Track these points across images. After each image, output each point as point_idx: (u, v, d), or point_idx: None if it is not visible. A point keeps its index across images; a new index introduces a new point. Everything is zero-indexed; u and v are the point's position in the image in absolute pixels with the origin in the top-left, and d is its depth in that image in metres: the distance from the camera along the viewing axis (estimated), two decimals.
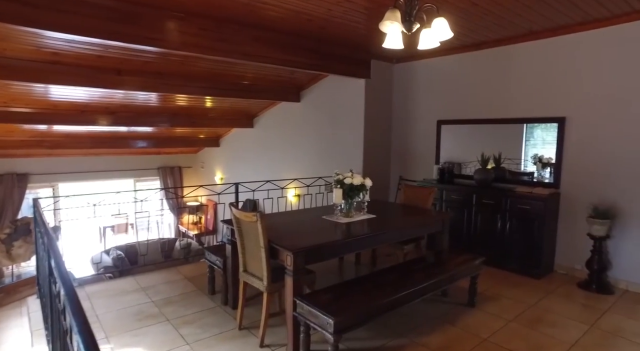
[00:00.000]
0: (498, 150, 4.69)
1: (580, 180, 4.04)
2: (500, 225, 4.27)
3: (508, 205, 4.20)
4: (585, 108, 3.98)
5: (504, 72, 4.58)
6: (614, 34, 3.74)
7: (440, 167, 5.10)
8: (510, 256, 4.21)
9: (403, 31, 2.36)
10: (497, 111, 4.68)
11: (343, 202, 3.26)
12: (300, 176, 6.16)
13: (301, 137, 6.77)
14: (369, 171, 5.62)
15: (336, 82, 5.94)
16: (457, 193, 4.67)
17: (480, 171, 4.60)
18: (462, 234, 4.59)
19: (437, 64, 5.27)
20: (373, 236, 2.92)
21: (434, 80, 5.33)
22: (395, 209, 4.05)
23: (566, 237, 4.16)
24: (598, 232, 3.71)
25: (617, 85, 3.76)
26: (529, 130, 4.50)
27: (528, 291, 3.69)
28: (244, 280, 2.82)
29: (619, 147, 3.78)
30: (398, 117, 5.86)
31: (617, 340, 2.87)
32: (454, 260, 3.26)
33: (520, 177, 4.60)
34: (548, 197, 3.94)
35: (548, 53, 4.19)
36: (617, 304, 3.48)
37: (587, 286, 3.79)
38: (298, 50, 4.66)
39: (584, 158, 4.02)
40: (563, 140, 4.14)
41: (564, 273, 4.17)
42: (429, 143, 5.47)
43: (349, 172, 3.29)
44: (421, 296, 2.75)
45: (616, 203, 3.80)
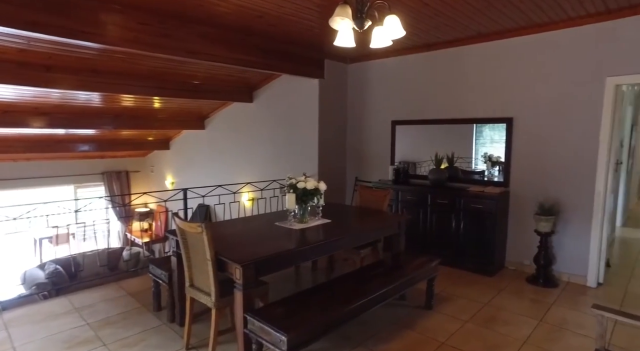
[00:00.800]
0: (451, 149, 4.77)
1: (527, 178, 4.18)
2: (454, 224, 4.33)
3: (462, 205, 4.25)
4: (529, 109, 4.12)
5: (455, 73, 4.65)
6: (553, 38, 3.89)
7: (396, 168, 5.10)
8: (464, 255, 4.27)
9: (354, 28, 2.26)
10: (449, 111, 4.74)
11: (297, 207, 3.12)
12: (255, 179, 5.96)
13: (255, 138, 6.56)
14: (324, 173, 5.52)
15: (290, 82, 5.79)
16: (412, 193, 4.69)
17: (435, 171, 4.65)
18: (418, 234, 4.61)
19: (390, 64, 5.27)
20: (329, 243, 2.80)
21: (388, 81, 5.33)
22: (352, 212, 3.97)
23: (516, 233, 4.29)
24: (544, 228, 3.84)
25: (555, 87, 3.92)
26: (478, 130, 4.60)
27: (482, 290, 3.74)
28: (191, 295, 2.60)
29: (558, 147, 3.94)
30: (353, 117, 5.82)
31: (563, 333, 2.96)
32: (411, 263, 3.23)
33: (472, 176, 4.70)
34: (499, 195, 4.03)
35: (496, 55, 4.30)
36: (561, 296, 3.61)
37: (535, 281, 3.92)
38: (248, 49, 4.46)
39: (530, 157, 4.15)
40: (511, 140, 4.26)
41: (513, 269, 4.30)
42: (384, 143, 5.47)
43: (302, 176, 3.15)
44: (380, 302, 2.67)
45: (559, 200, 3.96)
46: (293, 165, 5.81)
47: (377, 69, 5.44)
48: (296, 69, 5.11)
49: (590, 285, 3.85)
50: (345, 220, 3.55)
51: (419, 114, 5.04)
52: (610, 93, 3.63)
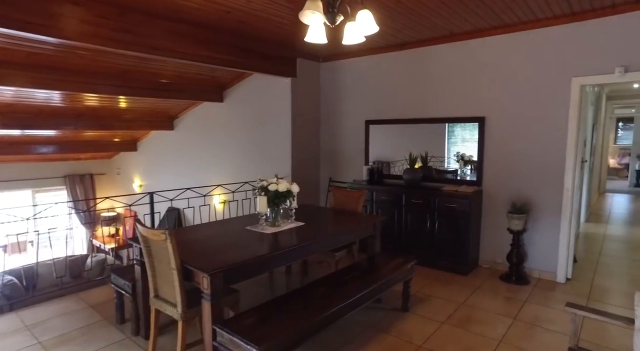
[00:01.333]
0: (424, 148, 4.76)
1: (499, 177, 4.22)
2: (429, 224, 4.32)
3: (436, 204, 4.25)
4: (501, 108, 4.16)
5: (428, 72, 4.65)
6: (522, 39, 3.94)
7: (370, 168, 5.06)
8: (439, 254, 4.27)
9: (326, 23, 2.16)
10: (422, 111, 4.74)
11: (268, 210, 3.00)
12: (227, 181, 5.78)
13: (226, 139, 6.37)
14: (298, 173, 5.42)
15: (261, 81, 5.65)
16: (387, 194, 4.65)
17: (409, 171, 4.63)
18: (393, 235, 4.58)
19: (363, 63, 5.23)
20: (302, 247, 2.70)
21: (361, 80, 5.28)
22: (326, 214, 3.88)
23: (489, 232, 4.32)
24: (516, 227, 3.88)
25: (525, 87, 3.97)
26: (450, 129, 4.63)
27: (457, 289, 3.74)
28: (156, 307, 2.43)
29: (529, 146, 4.00)
30: (326, 117, 5.74)
31: (536, 330, 2.98)
32: (387, 265, 3.17)
33: (446, 176, 4.71)
34: (472, 195, 4.05)
35: (468, 54, 4.32)
36: (532, 293, 3.65)
37: (508, 279, 3.95)
38: (217, 46, 4.29)
39: (502, 156, 4.20)
40: (484, 139, 4.30)
41: (487, 267, 4.33)
42: (358, 143, 5.41)
43: (274, 177, 3.04)
44: (355, 308, 2.60)
45: (530, 198, 4.02)
46: (266, 166, 5.67)
47: (350, 68, 5.38)
48: (268, 68, 4.98)
49: (560, 280, 3.93)
50: (319, 222, 3.46)
51: (392, 113, 5.01)
52: (576, 93, 3.70)
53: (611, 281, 3.99)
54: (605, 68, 3.55)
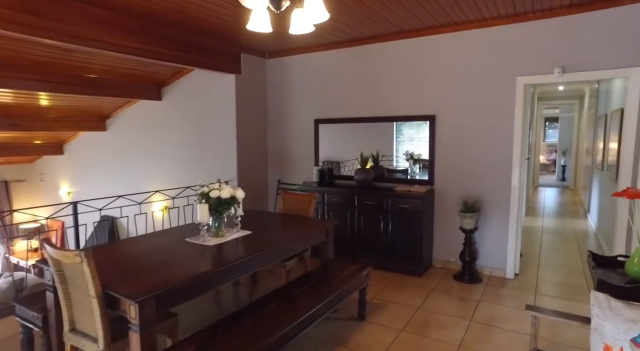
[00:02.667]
0: (374, 148, 4.67)
1: (451, 176, 4.21)
2: (383, 226, 4.21)
3: (389, 205, 4.15)
4: (450, 107, 4.15)
5: (378, 69, 4.55)
6: (469, 37, 3.96)
7: (320, 169, 4.87)
8: (394, 256, 4.17)
9: (270, 8, 1.91)
10: (373, 109, 4.63)
11: (210, 219, 2.69)
12: (167, 186, 5.31)
13: (166, 140, 5.86)
14: (244, 176, 5.10)
15: (203, 78, 5.24)
16: (338, 195, 4.49)
17: (361, 171, 4.50)
18: (346, 238, 4.42)
19: (312, 60, 5.02)
20: (250, 259, 2.42)
21: (310, 77, 5.08)
22: (275, 220, 3.62)
23: (442, 232, 4.31)
24: (468, 226, 3.88)
25: (474, 85, 3.99)
26: (398, 128, 4.57)
27: (413, 292, 3.65)
28: (71, 343, 2.03)
29: (478, 144, 4.03)
30: (274, 116, 5.47)
31: (492, 331, 2.94)
32: (342, 273, 2.98)
33: (397, 175, 4.64)
34: (425, 194, 3.99)
35: (417, 52, 4.27)
36: (485, 291, 3.66)
37: (461, 278, 3.95)
38: (151, 38, 3.87)
39: (452, 155, 4.19)
40: (435, 137, 4.27)
41: (440, 267, 4.31)
42: (307, 143, 5.21)
43: (216, 182, 2.73)
44: (309, 324, 2.37)
45: (480, 197, 4.04)
46: (209, 169, 5.29)
47: (298, 65, 5.15)
48: (209, 63, 4.61)
49: (509, 276, 3.99)
50: (268, 230, 3.19)
51: (342, 112, 4.86)
52: (520, 92, 3.77)
53: (554, 274, 4.13)
54: (546, 68, 3.64)
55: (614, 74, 3.44)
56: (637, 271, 2.18)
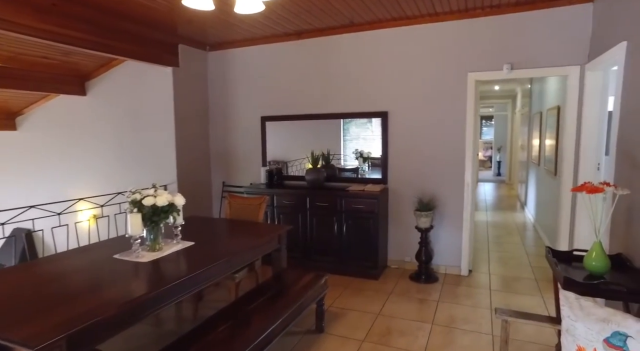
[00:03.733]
0: (323, 146, 4.46)
1: (405, 174, 4.12)
2: (337, 228, 4.01)
3: (343, 206, 3.96)
4: (403, 103, 4.05)
5: (327, 64, 4.34)
6: (422, 32, 3.88)
7: (269, 169, 4.57)
8: (349, 259, 3.99)
9: None
10: (322, 106, 4.42)
11: (145, 231, 2.30)
12: (96, 193, 4.70)
13: (93, 141, 5.21)
14: (185, 179, 4.65)
15: (136, 71, 4.71)
16: (289, 197, 4.22)
17: (312, 171, 4.26)
18: (298, 242, 4.17)
19: (257, 53, 4.70)
20: (194, 276, 2.08)
21: (255, 72, 4.74)
22: (221, 228, 3.27)
23: (397, 231, 4.20)
24: (424, 224, 3.80)
25: (426, 81, 3.93)
26: (346, 126, 4.41)
27: (371, 297, 3.49)
28: None
29: (431, 141, 3.97)
30: (217, 113, 5.06)
31: (455, 333, 2.85)
32: (298, 283, 2.72)
33: (347, 174, 4.48)
34: (379, 193, 3.85)
35: (369, 46, 4.12)
36: (443, 291, 3.60)
37: (418, 278, 3.87)
38: (70, 20, 3.34)
39: (406, 152, 4.10)
40: (387, 135, 4.15)
41: (396, 268, 4.21)
42: (253, 142, 4.87)
43: (151, 188, 2.34)
44: (265, 347, 2.09)
45: (435, 194, 3.99)
46: (146, 172, 4.76)
47: (242, 58, 4.80)
48: (142, 54, 4.12)
49: (463, 273, 3.98)
50: (214, 239, 2.85)
51: (290, 109, 4.59)
52: (471, 89, 3.76)
53: (503, 268, 4.20)
54: (495, 65, 3.65)
55: (556, 72, 3.53)
56: (595, 266, 2.17)
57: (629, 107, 2.41)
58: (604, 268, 2.15)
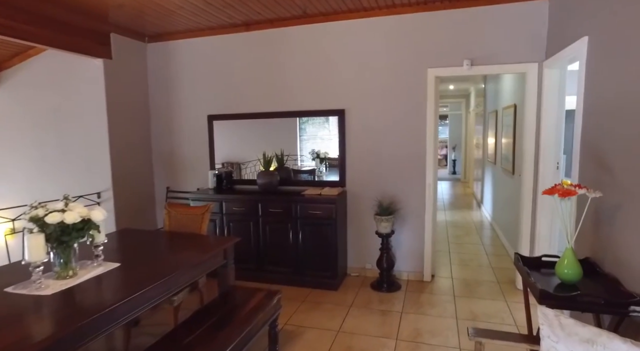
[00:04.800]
0: (279, 147, 4.14)
1: (364, 176, 3.88)
2: (292, 235, 3.70)
3: (298, 212, 3.65)
4: (361, 100, 3.81)
5: (280, 58, 4.01)
6: (379, 24, 3.66)
7: (217, 173, 4.17)
8: (306, 269, 3.69)
9: None
10: (275, 103, 4.08)
11: (52, 254, 1.86)
12: (9, 205, 4.07)
13: (6, 142, 4.53)
14: (122, 185, 4.15)
15: (60, 62, 4.13)
16: (239, 203, 3.84)
17: (264, 174, 3.92)
18: (250, 252, 3.82)
19: (203, 46, 4.27)
20: (117, 307, 1.68)
21: (201, 66, 4.32)
22: (156, 243, 2.85)
23: (356, 237, 3.96)
24: (385, 230, 3.58)
25: (385, 77, 3.71)
26: (302, 125, 4.12)
27: (330, 311, 3.21)
28: None
29: (391, 140, 3.76)
30: (159, 111, 4.57)
31: (421, 350, 2.64)
32: (247, 303, 2.38)
33: (304, 176, 4.18)
34: (338, 197, 3.59)
35: (324, 39, 3.84)
36: (406, 300, 3.39)
37: (380, 287, 3.64)
38: None
39: (365, 152, 3.86)
40: (345, 134, 3.89)
41: (356, 275, 3.97)
42: (200, 143, 4.44)
43: (62, 200, 1.91)
44: None
45: (396, 197, 3.79)
46: (75, 178, 4.21)
47: (186, 51, 4.35)
48: (64, 42, 3.59)
49: (426, 279, 3.81)
50: (147, 258, 2.43)
51: (240, 107, 4.22)
52: (431, 85, 3.59)
53: (465, 271, 4.09)
54: (455, 60, 3.50)
55: (515, 69, 3.43)
56: (567, 274, 2.01)
57: (593, 103, 2.30)
58: (577, 276, 2.01)
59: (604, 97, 2.16)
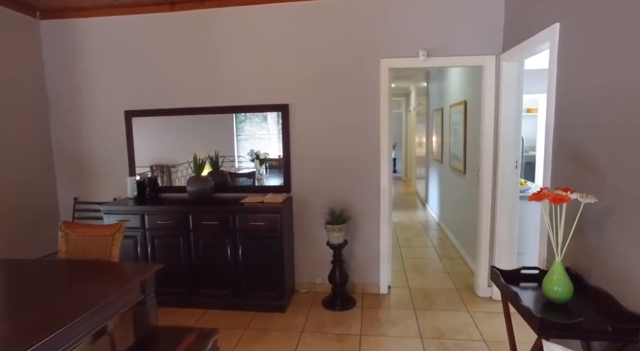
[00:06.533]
0: (215, 147, 3.56)
1: (311, 179, 3.43)
2: (230, 251, 3.14)
3: (237, 224, 3.11)
4: (307, 93, 3.36)
5: (211, 44, 3.43)
6: (327, 8, 3.23)
7: (139, 180, 3.49)
8: (249, 290, 3.16)
9: None
10: (207, 97, 3.50)
11: None
12: None
13: None
14: (11, 197, 3.30)
15: None
16: (166, 216, 3.21)
17: (195, 180, 3.32)
18: (180, 274, 3.20)
19: (116, 27, 3.55)
20: None
21: (116, 51, 3.59)
22: (45, 278, 2.15)
23: (304, 249, 3.51)
24: (337, 240, 3.17)
25: (335, 68, 3.30)
26: (239, 122, 3.58)
27: (278, 340, 2.72)
28: None
29: (342, 139, 3.36)
30: (62, 106, 3.74)
31: None
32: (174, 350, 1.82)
33: (242, 181, 3.64)
34: (282, 205, 3.10)
35: (262, 22, 3.33)
36: (364, 320, 2.99)
37: (333, 304, 3.22)
38: None
39: (313, 153, 3.42)
40: (289, 132, 3.42)
41: (306, 292, 3.52)
42: (117, 144, 3.71)
43: None
44: None
45: (348, 203, 3.39)
46: None
47: (96, 32, 3.59)
48: None
49: (383, 291, 3.47)
50: (26, 304, 1.76)
51: (165, 102, 3.56)
52: (385, 77, 3.24)
53: (422, 278, 3.82)
54: (411, 51, 3.19)
55: (472, 61, 3.19)
56: (557, 292, 1.73)
57: (569, 96, 2.06)
58: (569, 294, 1.73)
59: (584, 88, 1.92)
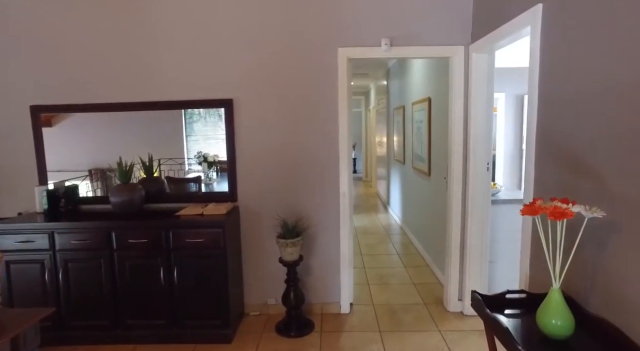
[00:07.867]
0: (164, 149, 3.02)
1: (261, 186, 2.97)
2: (164, 274, 2.62)
3: (172, 241, 2.59)
4: (255, 87, 2.90)
5: (144, 27, 2.87)
6: None
7: (51, 190, 2.87)
8: (187, 319, 2.65)
9: None
10: (140, 91, 2.94)
11: None
12: None
13: None
14: None
15: None
16: (82, 234, 2.62)
17: (120, 190, 2.76)
18: (101, 304, 2.63)
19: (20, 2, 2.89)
20: None
21: (18, 29, 2.93)
22: None
23: (254, 266, 3.04)
24: (291, 256, 2.73)
25: (287, 59, 2.86)
26: (189, 120, 3.07)
27: None
28: None
29: (293, 139, 2.93)
30: None
31: None
32: None
33: (185, 187, 3.12)
34: (226, 218, 2.62)
35: (201, 4, 2.82)
36: (324, 347, 2.59)
37: (288, 330, 2.78)
38: None
39: (262, 154, 2.95)
40: (234, 131, 2.93)
41: (257, 315, 3.05)
42: (21, 146, 3.05)
43: None
44: None
45: (303, 213, 2.97)
46: None
47: None
48: None
49: (344, 311, 3.07)
50: None
51: (87, 94, 2.96)
52: (343, 69, 2.85)
53: (387, 292, 3.48)
54: (372, 39, 2.81)
55: (439, 52, 2.86)
56: (557, 327, 1.40)
57: (555, 89, 1.76)
58: (570, 329, 1.41)
59: (575, 80, 1.61)
